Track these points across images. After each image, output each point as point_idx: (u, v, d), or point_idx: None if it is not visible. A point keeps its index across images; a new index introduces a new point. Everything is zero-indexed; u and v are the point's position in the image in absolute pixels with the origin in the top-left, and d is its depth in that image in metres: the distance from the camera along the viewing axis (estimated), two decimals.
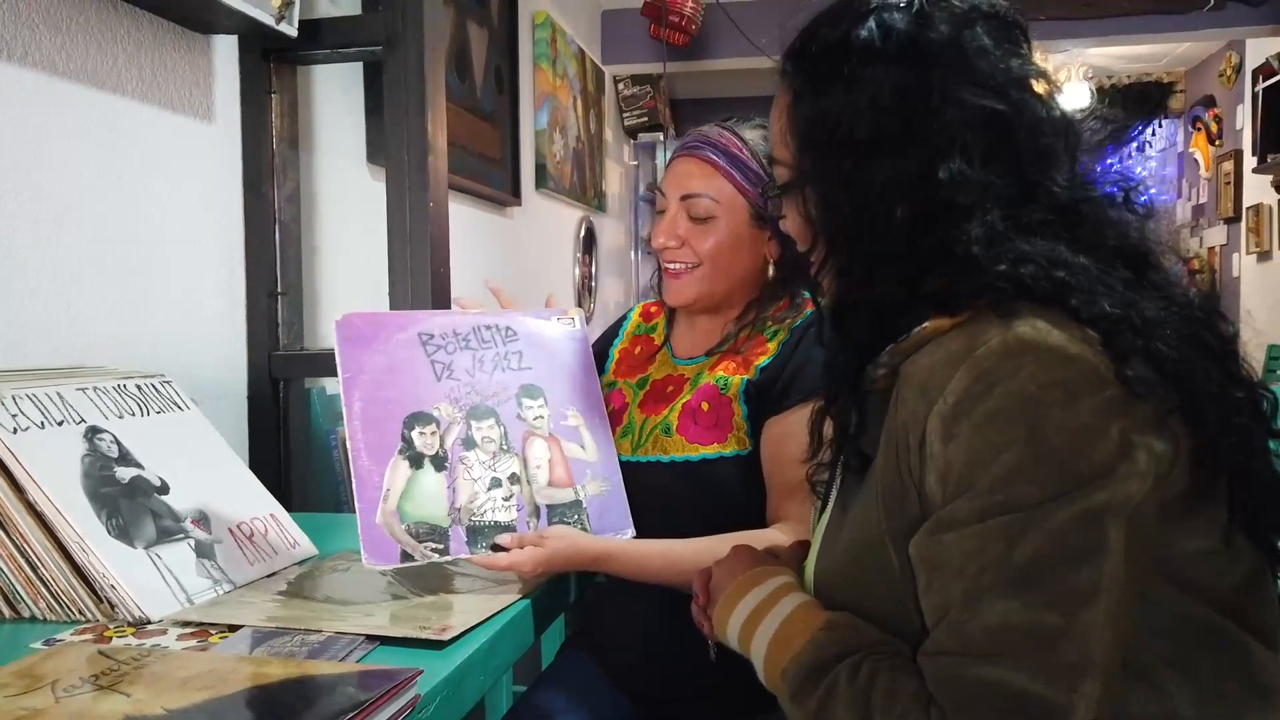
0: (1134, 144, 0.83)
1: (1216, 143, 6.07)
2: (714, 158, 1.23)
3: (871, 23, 0.77)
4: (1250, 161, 5.22)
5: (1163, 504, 0.69)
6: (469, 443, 1.14)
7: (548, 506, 1.17)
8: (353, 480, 1.07)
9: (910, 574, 0.73)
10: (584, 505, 1.19)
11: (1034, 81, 0.78)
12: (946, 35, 0.76)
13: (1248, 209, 5.50)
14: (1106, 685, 0.65)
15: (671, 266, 1.25)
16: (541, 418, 1.21)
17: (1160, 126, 6.76)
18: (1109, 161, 0.81)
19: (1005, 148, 0.75)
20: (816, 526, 0.93)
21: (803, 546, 1.00)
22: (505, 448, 1.16)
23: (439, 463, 1.12)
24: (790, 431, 1.16)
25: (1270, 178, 5.02)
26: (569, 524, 1.17)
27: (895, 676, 0.71)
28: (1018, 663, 0.65)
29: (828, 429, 0.93)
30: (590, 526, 1.19)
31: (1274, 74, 4.66)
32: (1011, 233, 0.73)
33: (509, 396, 1.20)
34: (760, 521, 1.17)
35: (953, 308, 0.74)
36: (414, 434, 1.12)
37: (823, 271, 0.83)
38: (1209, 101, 6.16)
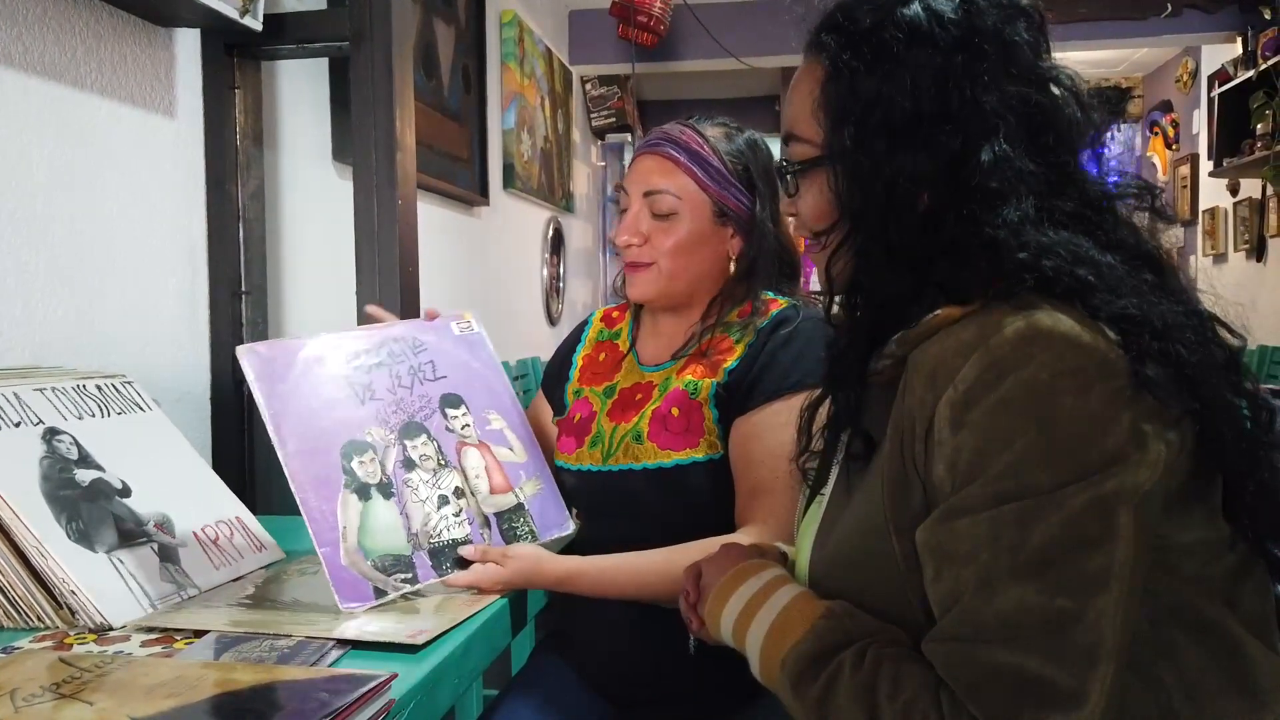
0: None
1: (1173, 147, 6.18)
2: (675, 154, 1.23)
3: (918, 5, 0.78)
4: (1206, 165, 5.31)
5: (1165, 494, 0.70)
6: (409, 463, 1.11)
7: (495, 515, 1.15)
8: (307, 524, 1.01)
9: (913, 564, 0.73)
10: (526, 509, 1.19)
11: (1063, 80, 0.79)
12: (991, 25, 0.77)
13: (1204, 212, 5.61)
14: (1117, 670, 0.66)
15: (634, 264, 1.25)
16: (468, 425, 1.19)
17: (1119, 130, 6.88)
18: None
19: (1040, 138, 0.76)
20: (803, 520, 0.93)
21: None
22: (443, 462, 1.14)
23: (385, 490, 1.08)
24: (755, 433, 1.16)
25: (1226, 181, 5.13)
26: (518, 530, 1.16)
27: (900, 665, 0.71)
28: (1032, 647, 0.65)
29: (818, 421, 0.93)
30: (536, 528, 1.18)
31: (1229, 79, 4.75)
32: (1043, 222, 0.74)
33: (433, 409, 1.17)
34: (735, 525, 1.17)
35: (964, 296, 0.74)
36: (354, 464, 1.06)
37: (839, 252, 0.82)
38: (1166, 106, 6.28)
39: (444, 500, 1.12)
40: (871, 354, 0.80)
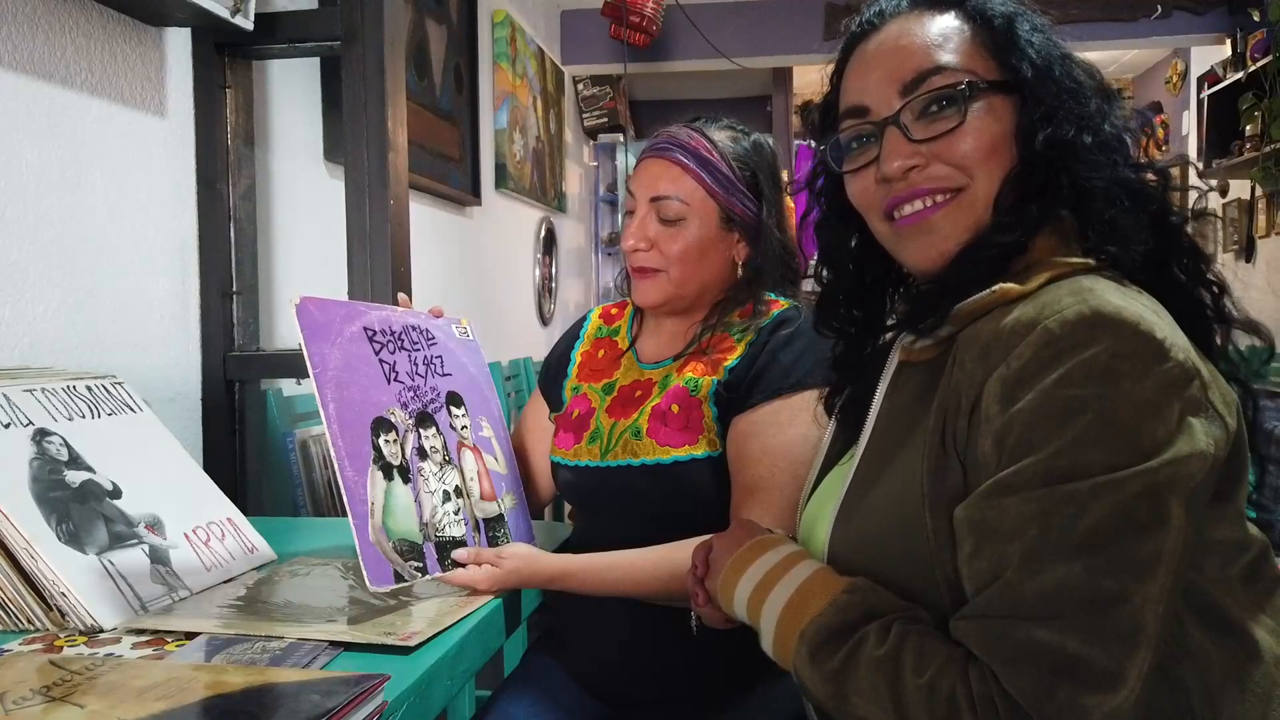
0: None
1: (1163, 148, 6.21)
2: (683, 159, 1.22)
3: None
4: (1196, 166, 5.34)
5: (1209, 489, 0.70)
6: (422, 452, 1.11)
7: (483, 521, 1.16)
8: (342, 493, 1.00)
9: (944, 542, 0.73)
10: (505, 520, 1.19)
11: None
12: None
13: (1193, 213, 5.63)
14: (1155, 660, 0.66)
15: (641, 269, 1.25)
16: (466, 427, 1.19)
17: None
18: None
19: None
20: (813, 498, 0.93)
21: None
22: (448, 459, 1.14)
23: (404, 474, 1.07)
24: (753, 430, 1.16)
25: (1215, 182, 5.15)
26: (498, 539, 1.16)
27: (925, 640, 0.71)
28: (1072, 626, 0.65)
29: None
30: (511, 542, 1.18)
31: (1219, 81, 4.77)
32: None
33: (442, 404, 1.17)
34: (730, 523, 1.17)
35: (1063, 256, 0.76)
36: (381, 442, 1.06)
37: (1009, 187, 0.79)
38: (1156, 108, 6.30)
39: (447, 496, 1.12)
40: (1001, 266, 0.79)
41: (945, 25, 0.82)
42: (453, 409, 1.18)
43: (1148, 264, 0.77)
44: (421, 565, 1.04)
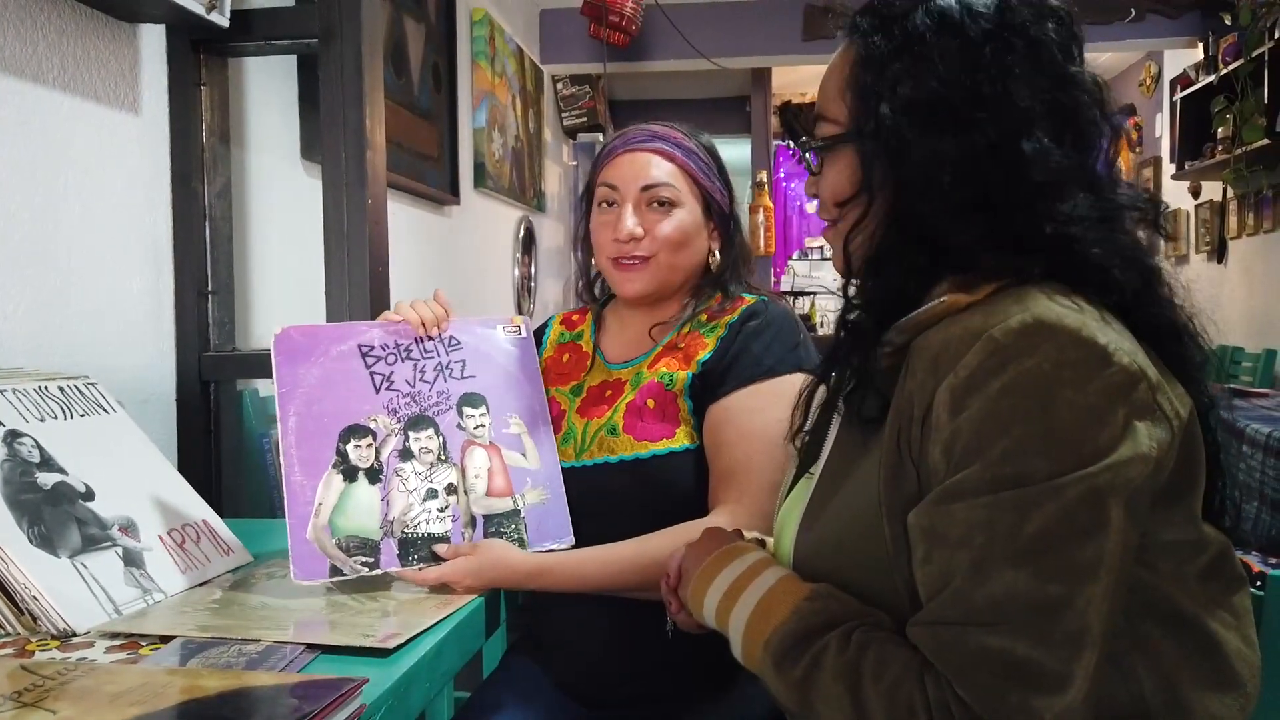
0: None
1: (1136, 150, 6.27)
2: (670, 149, 1.26)
3: None
4: (1169, 168, 5.40)
5: (1152, 491, 0.71)
6: (405, 454, 1.14)
7: (484, 516, 1.15)
8: (284, 496, 1.06)
9: (901, 547, 0.74)
10: (522, 515, 1.18)
11: (1086, 83, 0.81)
12: (1021, 22, 0.79)
13: (1166, 215, 5.70)
14: (1100, 658, 0.68)
15: (629, 259, 1.25)
16: (483, 426, 1.20)
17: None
18: None
19: (1062, 138, 0.78)
20: (786, 501, 0.94)
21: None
22: (443, 458, 1.16)
23: (373, 475, 1.12)
24: (727, 417, 1.18)
25: (1187, 184, 5.21)
26: (505, 534, 1.15)
27: (885, 647, 0.72)
28: (1021, 631, 0.67)
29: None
30: (527, 536, 1.17)
31: (1191, 84, 4.83)
32: (1106, 221, 0.77)
33: (449, 406, 1.19)
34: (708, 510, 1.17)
35: (979, 283, 0.76)
36: (349, 447, 1.12)
37: (857, 230, 0.83)
38: (1129, 110, 6.36)
39: (432, 494, 1.13)
40: (883, 329, 0.80)
41: (843, 64, 0.84)
42: (466, 409, 1.20)
43: (1088, 278, 0.77)
44: (371, 561, 1.07)
